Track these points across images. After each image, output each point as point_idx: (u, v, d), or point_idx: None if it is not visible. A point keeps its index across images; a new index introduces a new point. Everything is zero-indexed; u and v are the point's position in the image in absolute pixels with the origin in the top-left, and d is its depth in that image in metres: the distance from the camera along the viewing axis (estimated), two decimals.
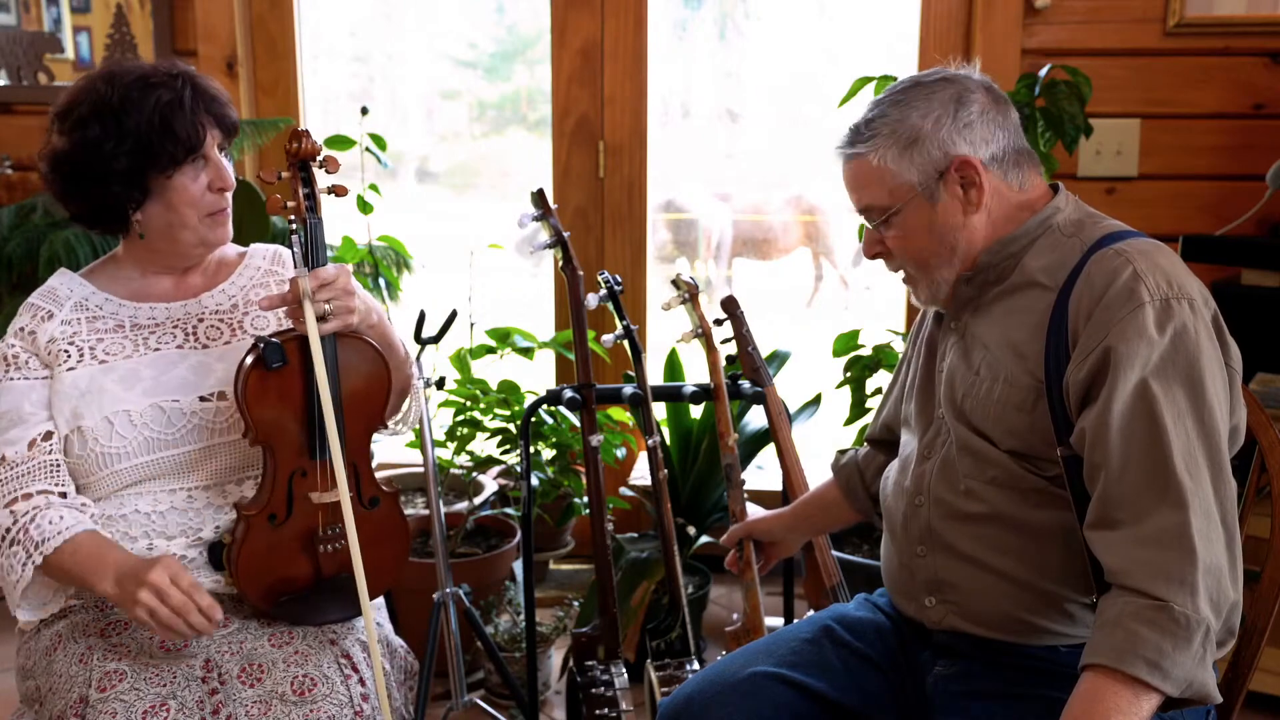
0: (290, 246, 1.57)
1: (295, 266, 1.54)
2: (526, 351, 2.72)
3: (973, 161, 1.43)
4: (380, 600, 1.83)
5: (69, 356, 1.61)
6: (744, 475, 2.16)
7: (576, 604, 2.65)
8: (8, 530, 1.53)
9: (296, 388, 1.57)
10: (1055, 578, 1.43)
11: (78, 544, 1.52)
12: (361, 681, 1.54)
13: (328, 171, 1.60)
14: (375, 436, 1.75)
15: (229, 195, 1.64)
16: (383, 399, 1.67)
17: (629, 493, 2.89)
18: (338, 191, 1.63)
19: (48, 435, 1.58)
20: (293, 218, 1.57)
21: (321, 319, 1.53)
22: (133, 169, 1.57)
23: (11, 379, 1.61)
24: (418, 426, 2.02)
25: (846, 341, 2.58)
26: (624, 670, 2.02)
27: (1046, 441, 1.39)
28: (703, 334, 2.09)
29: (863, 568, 2.51)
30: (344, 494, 1.51)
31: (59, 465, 1.58)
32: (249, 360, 1.56)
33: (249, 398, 1.55)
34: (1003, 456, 1.43)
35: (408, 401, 1.84)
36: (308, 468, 1.60)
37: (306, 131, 1.59)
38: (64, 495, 1.57)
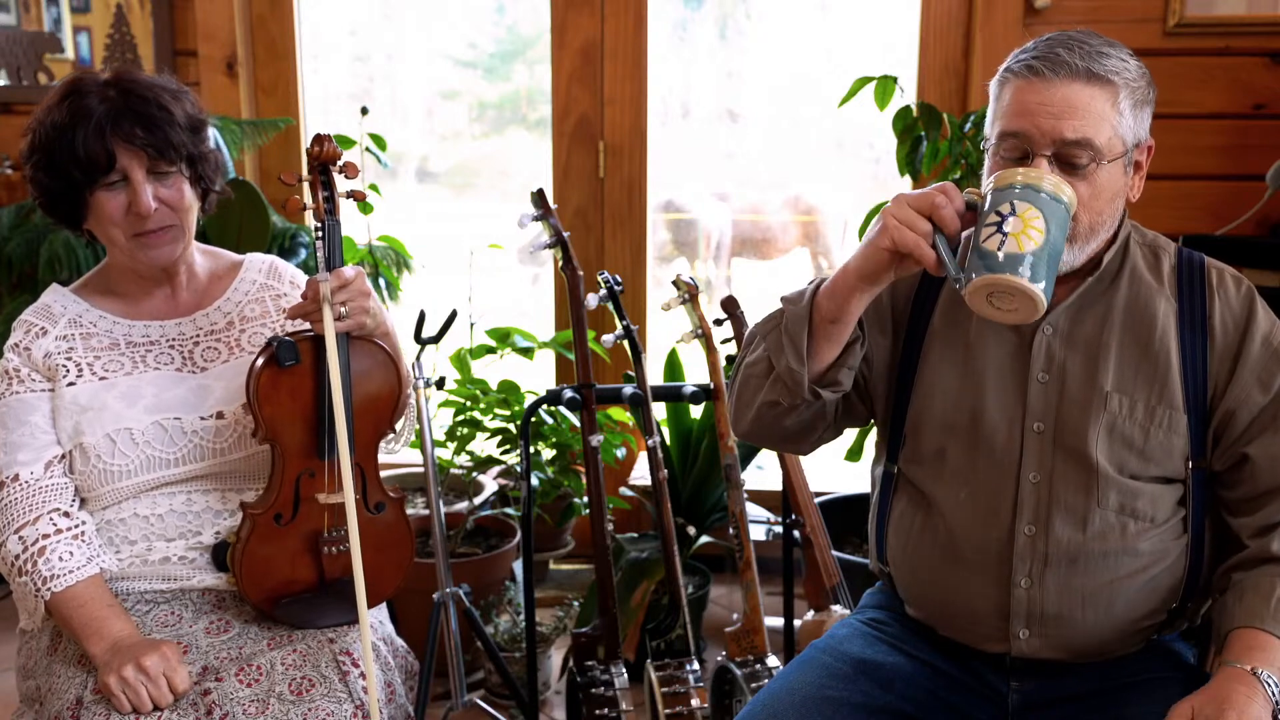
0: (315, 250, 1.58)
1: (319, 269, 1.56)
2: (526, 351, 2.72)
3: (1152, 147, 1.40)
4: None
5: (68, 372, 1.61)
6: (744, 475, 2.16)
7: (576, 604, 2.65)
8: (17, 557, 1.55)
9: (307, 387, 1.58)
10: (1162, 598, 1.43)
11: (83, 598, 1.53)
12: (364, 675, 1.53)
13: (347, 177, 1.63)
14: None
15: (164, 217, 1.58)
16: (392, 404, 1.68)
17: (629, 493, 2.89)
18: (356, 196, 1.65)
19: (62, 457, 1.59)
20: (317, 224, 1.59)
21: (336, 319, 1.54)
22: (56, 183, 1.56)
23: (16, 392, 1.61)
24: (414, 440, 2.04)
25: None
26: (624, 670, 2.02)
27: (1181, 459, 1.40)
28: (703, 334, 2.09)
29: (863, 568, 2.51)
30: (349, 495, 1.51)
31: (67, 485, 1.59)
32: (262, 358, 1.57)
33: (260, 394, 1.55)
34: (1129, 482, 1.39)
35: (403, 420, 1.82)
36: (315, 468, 1.61)
37: (329, 136, 1.61)
38: (67, 514, 1.58)
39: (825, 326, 1.35)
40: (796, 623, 2.29)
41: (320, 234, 1.60)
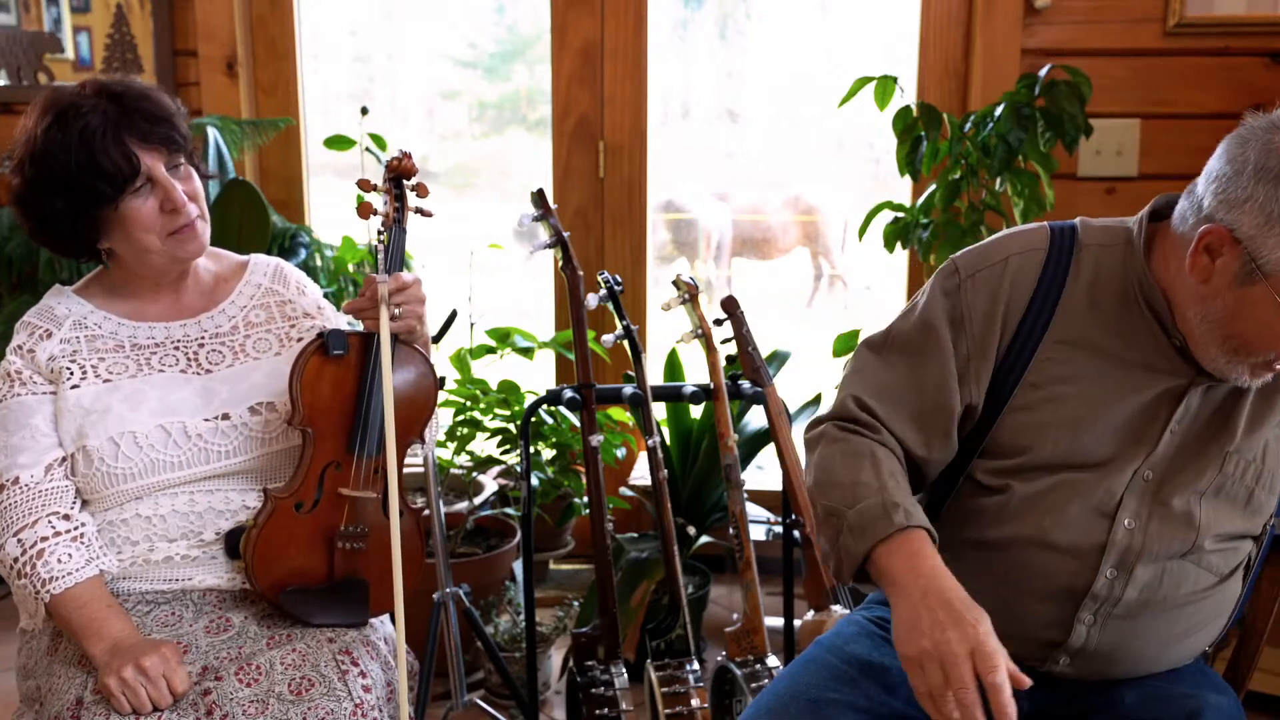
0: (376, 253, 1.66)
1: (379, 270, 1.62)
2: (526, 351, 2.72)
3: None
4: None
5: (71, 374, 1.61)
6: (744, 475, 2.16)
7: (576, 604, 2.65)
8: (15, 560, 1.55)
9: (350, 380, 1.63)
10: (1204, 641, 1.43)
11: (83, 599, 1.53)
12: (364, 674, 1.54)
13: (419, 195, 1.71)
14: None
15: (192, 208, 1.60)
16: (427, 414, 1.72)
17: (629, 493, 2.89)
18: (424, 214, 1.72)
19: (63, 460, 1.59)
20: (382, 229, 1.67)
21: (390, 319, 1.59)
22: (74, 209, 1.56)
23: (18, 395, 1.61)
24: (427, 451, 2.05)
25: (846, 341, 2.58)
26: (624, 670, 2.02)
27: (1267, 517, 1.36)
28: (703, 334, 2.10)
29: None
30: (393, 493, 1.55)
31: (68, 488, 1.59)
32: (312, 345, 1.62)
33: (304, 380, 1.60)
34: (1217, 540, 1.34)
35: (430, 430, 1.84)
36: (343, 461, 1.64)
37: (410, 154, 1.71)
38: (67, 517, 1.58)
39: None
40: (796, 623, 2.29)
41: (384, 238, 1.67)
